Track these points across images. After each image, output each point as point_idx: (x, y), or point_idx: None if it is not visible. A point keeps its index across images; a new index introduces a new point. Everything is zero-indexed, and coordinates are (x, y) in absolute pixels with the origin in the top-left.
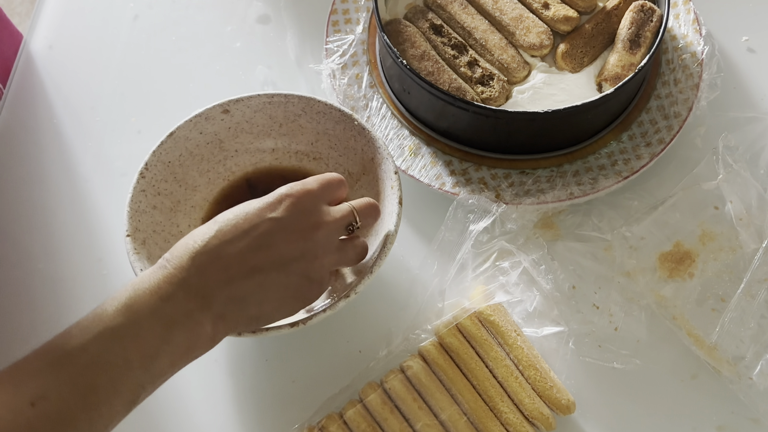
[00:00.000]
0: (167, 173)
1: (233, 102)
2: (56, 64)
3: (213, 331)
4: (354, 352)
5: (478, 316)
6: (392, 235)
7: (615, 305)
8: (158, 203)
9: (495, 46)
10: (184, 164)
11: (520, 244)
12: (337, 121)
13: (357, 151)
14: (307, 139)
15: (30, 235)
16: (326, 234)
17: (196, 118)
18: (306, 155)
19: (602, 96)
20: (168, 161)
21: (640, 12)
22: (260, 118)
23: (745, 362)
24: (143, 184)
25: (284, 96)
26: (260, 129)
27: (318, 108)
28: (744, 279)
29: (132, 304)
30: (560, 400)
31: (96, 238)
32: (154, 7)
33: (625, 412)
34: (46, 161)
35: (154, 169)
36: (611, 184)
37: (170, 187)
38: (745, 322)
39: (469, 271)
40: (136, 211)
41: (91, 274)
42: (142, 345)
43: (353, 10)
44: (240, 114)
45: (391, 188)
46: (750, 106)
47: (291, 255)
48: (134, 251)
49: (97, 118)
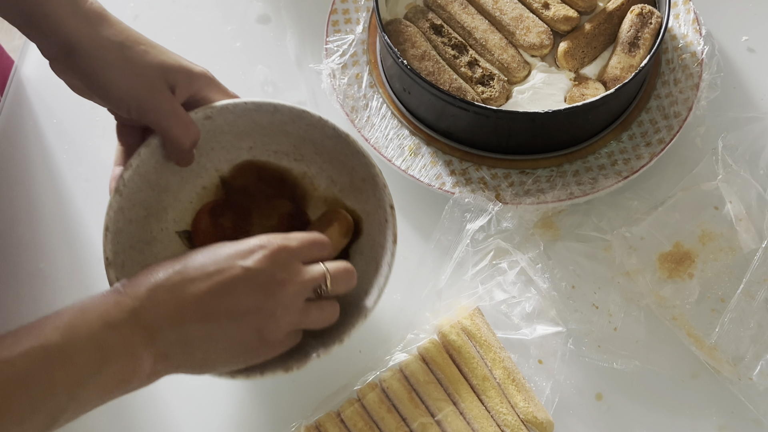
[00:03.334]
0: (142, 183)
1: (216, 109)
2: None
3: (151, 369)
4: (353, 351)
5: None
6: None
7: (614, 305)
8: (134, 216)
9: (495, 45)
10: (159, 169)
11: (517, 243)
12: (329, 136)
13: (347, 165)
14: (291, 141)
15: (30, 234)
16: (291, 293)
17: None
18: (286, 155)
19: (602, 96)
20: (144, 171)
21: (640, 16)
22: (243, 122)
23: (745, 362)
24: (120, 201)
25: (273, 106)
26: (241, 130)
27: (309, 120)
28: (743, 279)
29: (74, 324)
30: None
31: (96, 238)
32: (154, 7)
33: (625, 413)
34: (46, 161)
35: (132, 183)
36: (611, 184)
37: (144, 195)
38: (744, 322)
39: (466, 269)
40: (116, 233)
41: (91, 274)
42: (71, 370)
43: (353, 9)
44: (222, 119)
45: (386, 221)
46: (750, 106)
47: (248, 307)
48: (116, 280)
49: (97, 118)
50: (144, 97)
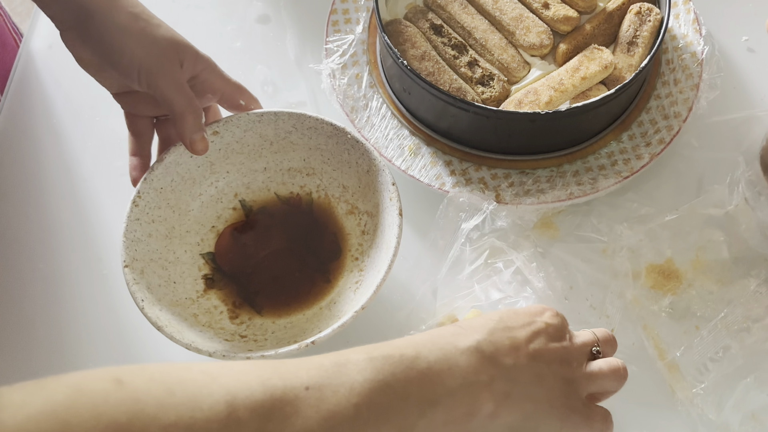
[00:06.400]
0: (160, 200)
1: (222, 123)
2: (56, 63)
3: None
4: None
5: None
6: (396, 247)
7: (611, 307)
8: (153, 231)
9: (495, 45)
10: (176, 189)
11: (512, 242)
12: (329, 135)
13: (351, 164)
14: (299, 155)
15: (30, 234)
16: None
17: None
18: (299, 171)
19: (602, 96)
20: (160, 188)
21: (638, 14)
22: (250, 137)
23: (703, 388)
24: (137, 212)
25: (274, 113)
26: (251, 149)
27: (309, 123)
28: (723, 311)
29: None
30: None
31: (96, 238)
32: (154, 7)
33: (624, 413)
34: (45, 161)
35: (147, 197)
36: (611, 184)
37: (164, 213)
38: (710, 351)
39: (462, 268)
40: (132, 240)
41: (91, 273)
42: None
43: (353, 9)
44: (230, 135)
45: (389, 200)
46: (750, 106)
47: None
48: (134, 281)
49: (96, 118)
50: (155, 67)
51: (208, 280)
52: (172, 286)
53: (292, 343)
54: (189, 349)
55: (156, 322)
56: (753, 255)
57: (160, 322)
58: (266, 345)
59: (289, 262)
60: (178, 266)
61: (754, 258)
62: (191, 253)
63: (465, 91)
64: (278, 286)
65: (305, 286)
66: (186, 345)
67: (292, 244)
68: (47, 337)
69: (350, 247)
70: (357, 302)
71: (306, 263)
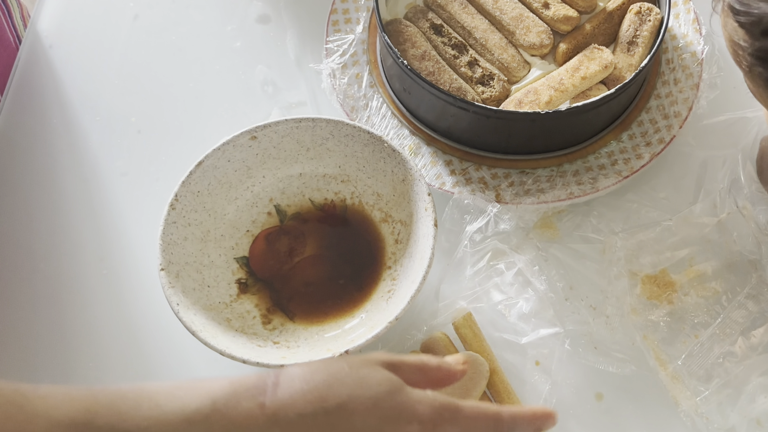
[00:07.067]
0: (197, 203)
1: (260, 128)
2: (56, 63)
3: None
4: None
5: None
6: (430, 258)
7: (611, 307)
8: (189, 234)
9: (495, 45)
10: (213, 193)
11: (514, 245)
12: (365, 143)
13: (387, 173)
14: (335, 162)
15: (30, 234)
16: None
17: (223, 146)
18: (334, 178)
19: (602, 96)
20: (197, 191)
21: (638, 14)
22: (288, 143)
23: (704, 397)
24: (174, 215)
25: (312, 120)
26: (287, 154)
27: (346, 131)
28: (720, 316)
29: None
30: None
31: (97, 237)
32: (154, 6)
33: (625, 414)
34: (45, 161)
35: (184, 200)
36: (611, 184)
37: (200, 216)
38: (712, 357)
39: (465, 270)
40: (169, 243)
41: (92, 273)
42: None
43: (353, 9)
44: (267, 140)
45: (425, 210)
46: (750, 106)
47: None
48: (169, 285)
49: (97, 118)
50: None
51: (241, 284)
52: (206, 290)
53: (326, 352)
54: (223, 355)
55: (190, 326)
56: (745, 261)
57: (195, 326)
58: (299, 352)
59: (323, 268)
60: (212, 270)
61: (747, 264)
62: (225, 257)
63: (465, 90)
64: (311, 293)
65: (338, 293)
66: (221, 351)
67: (326, 251)
68: (47, 336)
69: (383, 255)
70: (390, 312)
71: (339, 270)
